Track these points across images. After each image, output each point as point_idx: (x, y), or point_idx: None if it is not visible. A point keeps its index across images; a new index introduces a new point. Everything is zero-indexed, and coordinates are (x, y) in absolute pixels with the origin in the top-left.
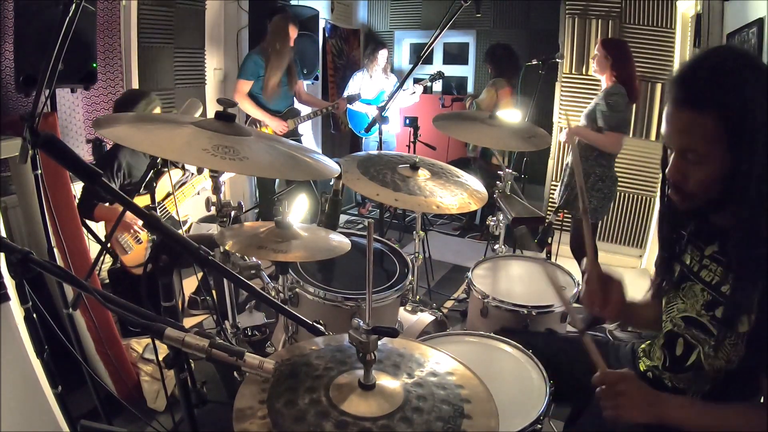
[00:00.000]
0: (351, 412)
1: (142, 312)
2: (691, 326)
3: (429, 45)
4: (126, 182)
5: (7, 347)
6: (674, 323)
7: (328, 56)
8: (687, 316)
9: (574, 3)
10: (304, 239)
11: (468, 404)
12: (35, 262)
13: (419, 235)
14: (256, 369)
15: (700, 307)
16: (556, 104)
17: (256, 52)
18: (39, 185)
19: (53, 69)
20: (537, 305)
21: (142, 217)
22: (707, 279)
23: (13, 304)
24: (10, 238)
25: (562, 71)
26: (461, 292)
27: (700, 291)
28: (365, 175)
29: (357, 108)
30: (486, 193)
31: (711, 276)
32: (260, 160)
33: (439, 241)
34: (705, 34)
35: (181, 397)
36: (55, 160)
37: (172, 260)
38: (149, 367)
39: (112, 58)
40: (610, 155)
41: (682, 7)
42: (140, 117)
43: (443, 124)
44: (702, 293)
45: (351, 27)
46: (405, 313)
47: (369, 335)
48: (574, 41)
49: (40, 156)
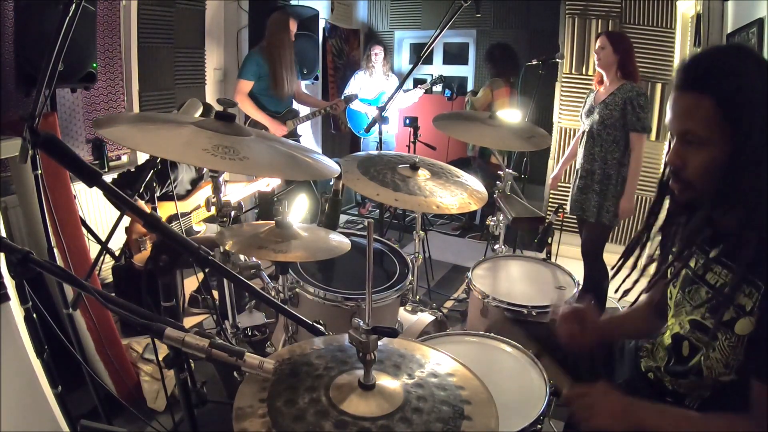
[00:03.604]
0: (351, 411)
1: (142, 312)
2: (695, 329)
3: (429, 45)
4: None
5: (7, 347)
6: (682, 326)
7: (328, 56)
8: (693, 319)
9: (574, 3)
10: (304, 239)
11: (468, 405)
12: (35, 262)
13: (419, 235)
14: (256, 369)
15: (704, 310)
16: (556, 104)
17: (257, 52)
18: (39, 185)
19: (53, 69)
20: (537, 305)
21: (142, 216)
22: (712, 281)
23: (13, 304)
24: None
25: (562, 71)
26: (461, 292)
27: (705, 294)
28: (365, 175)
29: (357, 108)
30: (486, 193)
31: (716, 279)
32: (260, 160)
33: (439, 241)
34: (705, 34)
35: (181, 397)
36: (55, 160)
37: (172, 260)
38: (149, 367)
39: (112, 58)
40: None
41: (682, 7)
42: (140, 117)
43: (443, 124)
44: (707, 296)
45: (351, 27)
46: (405, 313)
47: (369, 335)
48: (574, 41)
49: (40, 156)
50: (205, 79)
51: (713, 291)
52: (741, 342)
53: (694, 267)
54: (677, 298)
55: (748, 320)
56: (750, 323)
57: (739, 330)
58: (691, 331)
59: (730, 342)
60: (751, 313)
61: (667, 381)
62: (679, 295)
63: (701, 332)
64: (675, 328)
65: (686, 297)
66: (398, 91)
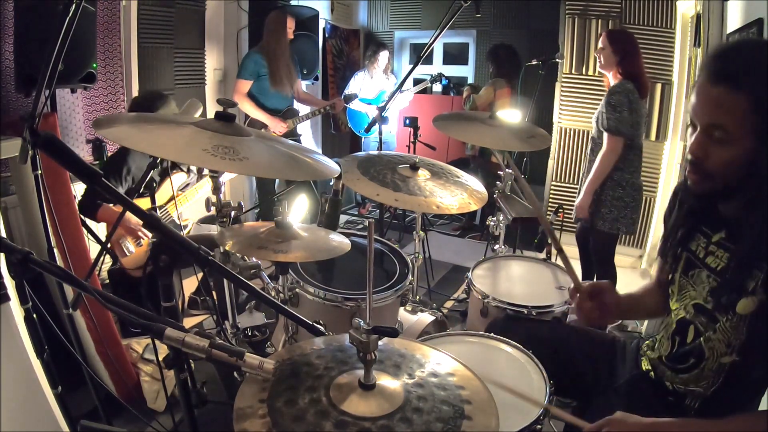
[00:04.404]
0: (351, 411)
1: (142, 312)
2: (699, 313)
3: (429, 45)
4: (134, 186)
5: (7, 347)
6: (687, 311)
7: (328, 56)
8: (696, 303)
9: (574, 3)
10: (304, 239)
11: (468, 405)
12: (35, 262)
13: (419, 235)
14: (256, 369)
15: (706, 293)
16: (556, 104)
17: (256, 51)
18: (39, 185)
19: (53, 69)
20: (537, 305)
21: (143, 217)
22: (713, 265)
23: (13, 304)
24: (10, 238)
25: (562, 71)
26: (461, 292)
27: (706, 277)
28: (365, 175)
29: (357, 108)
30: (486, 193)
31: (717, 262)
32: (260, 160)
33: (439, 241)
34: (705, 34)
35: (181, 397)
36: (55, 160)
37: (172, 260)
38: (149, 367)
39: (112, 58)
40: (629, 157)
41: (682, 7)
42: (140, 117)
43: (443, 124)
44: (708, 279)
45: (351, 27)
46: (405, 313)
47: (369, 335)
48: (574, 41)
49: (40, 156)
50: (205, 80)
51: (714, 274)
52: (743, 321)
53: (695, 251)
54: (681, 282)
55: (750, 300)
56: (752, 303)
57: (740, 310)
58: (696, 315)
59: (732, 322)
60: (753, 293)
61: (667, 380)
62: (683, 280)
63: (704, 315)
64: (680, 313)
65: (689, 281)
66: (398, 92)
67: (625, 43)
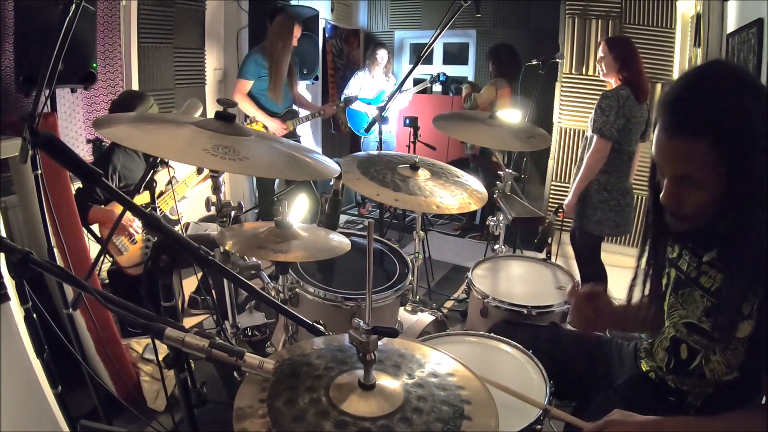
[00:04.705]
0: (350, 411)
1: (142, 312)
2: (693, 332)
3: (429, 45)
4: (121, 185)
5: (7, 347)
6: (677, 329)
7: (328, 56)
8: (688, 322)
9: (574, 3)
10: (304, 239)
11: (468, 405)
12: (35, 262)
13: (419, 235)
14: (256, 369)
15: (701, 313)
16: (556, 104)
17: (257, 51)
18: (39, 185)
19: (53, 69)
20: (537, 305)
21: (142, 216)
22: (707, 285)
23: (13, 304)
24: (10, 238)
25: (562, 71)
26: (461, 292)
27: (699, 297)
28: (365, 175)
29: (357, 108)
30: (486, 193)
31: (711, 282)
32: (260, 160)
33: (439, 241)
34: (705, 34)
35: (181, 397)
36: (55, 160)
37: (172, 260)
38: (149, 367)
39: (112, 58)
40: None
41: (682, 7)
42: (140, 117)
43: (443, 124)
44: (702, 299)
45: (351, 27)
46: (405, 313)
47: (369, 335)
48: (574, 41)
49: (40, 156)
50: (205, 79)
51: (709, 294)
52: (740, 343)
53: (685, 270)
54: (670, 301)
55: (747, 323)
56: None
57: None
58: (688, 334)
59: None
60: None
61: (669, 380)
62: (672, 299)
63: (699, 335)
64: (671, 330)
65: (679, 300)
66: (398, 92)
67: (625, 49)
